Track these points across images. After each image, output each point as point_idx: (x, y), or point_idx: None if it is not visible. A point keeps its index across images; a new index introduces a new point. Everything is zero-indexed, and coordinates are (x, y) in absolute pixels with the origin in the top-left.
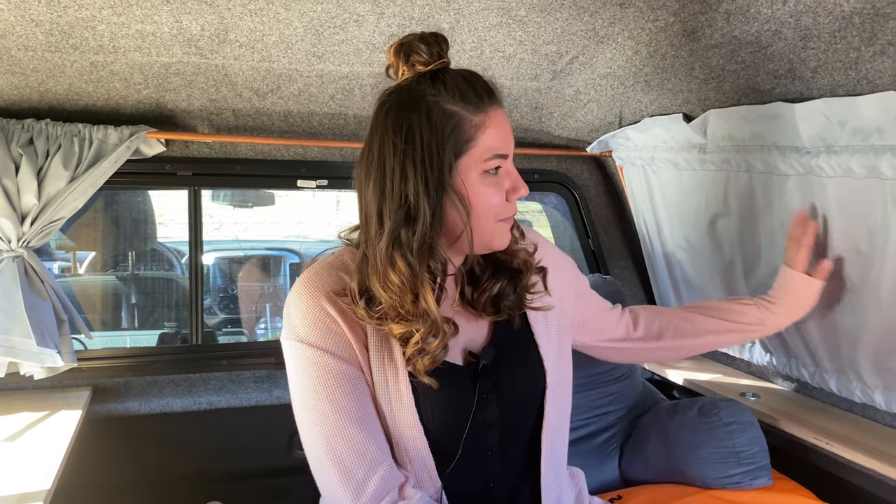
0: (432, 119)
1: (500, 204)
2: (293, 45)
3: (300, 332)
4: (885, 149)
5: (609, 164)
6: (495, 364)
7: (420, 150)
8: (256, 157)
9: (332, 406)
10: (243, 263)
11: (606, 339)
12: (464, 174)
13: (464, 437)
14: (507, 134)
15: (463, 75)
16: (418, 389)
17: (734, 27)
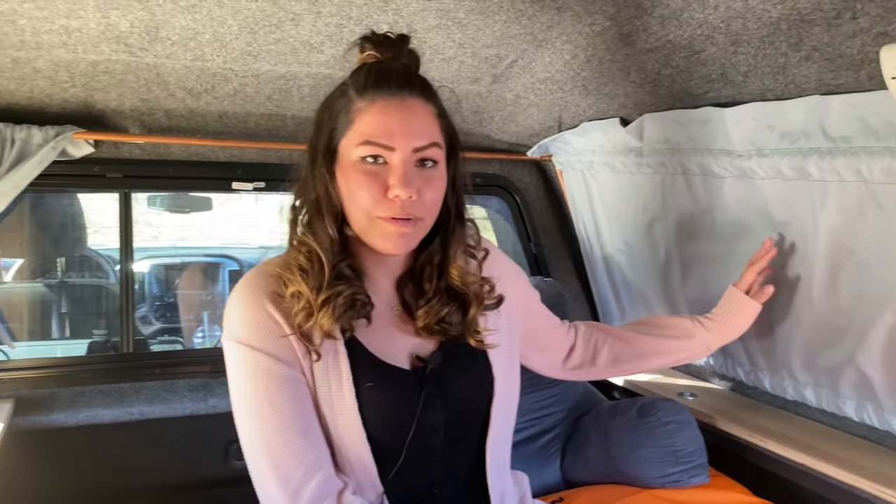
0: (332, 102)
1: (371, 197)
2: (228, 44)
3: (240, 333)
4: (812, 151)
5: (549, 168)
6: (443, 369)
7: (316, 133)
8: (190, 158)
9: (272, 410)
10: (181, 271)
11: (549, 356)
12: (342, 158)
13: (407, 441)
14: (395, 126)
15: (379, 66)
16: (362, 394)
17: (668, 32)
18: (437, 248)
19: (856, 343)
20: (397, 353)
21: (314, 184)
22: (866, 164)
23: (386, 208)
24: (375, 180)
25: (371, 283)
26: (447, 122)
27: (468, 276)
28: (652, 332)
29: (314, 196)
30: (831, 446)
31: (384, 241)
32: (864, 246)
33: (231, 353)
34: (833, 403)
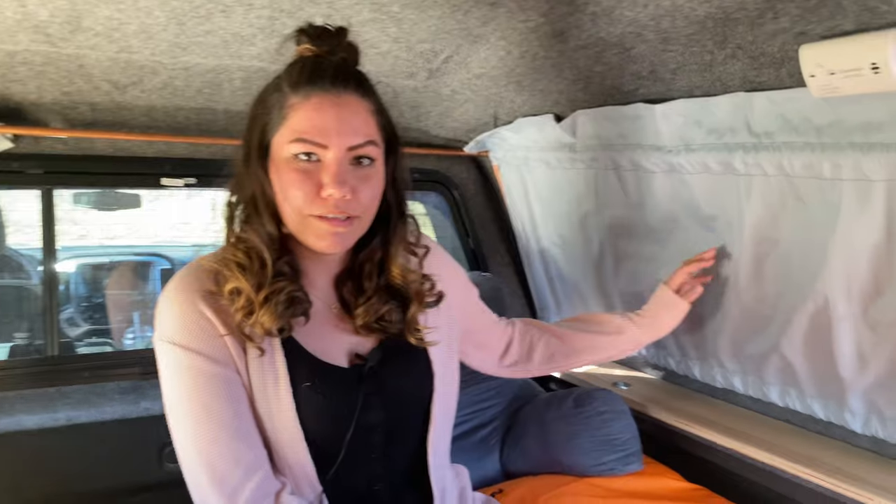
0: (265, 97)
1: (304, 195)
2: (155, 36)
3: (172, 333)
4: (737, 146)
5: (486, 164)
6: (382, 367)
7: (248, 129)
8: (116, 154)
9: (206, 411)
10: (109, 270)
11: (487, 353)
12: (274, 155)
13: (346, 440)
14: (333, 123)
15: (314, 60)
16: (299, 394)
17: (600, 29)
18: (377, 245)
19: (780, 331)
20: (335, 351)
21: (249, 181)
22: (787, 159)
23: (319, 207)
24: (308, 178)
25: (308, 281)
26: (385, 119)
27: (409, 274)
28: (584, 329)
29: (249, 193)
30: (758, 431)
31: (318, 240)
32: (786, 237)
33: (163, 353)
34: (759, 390)
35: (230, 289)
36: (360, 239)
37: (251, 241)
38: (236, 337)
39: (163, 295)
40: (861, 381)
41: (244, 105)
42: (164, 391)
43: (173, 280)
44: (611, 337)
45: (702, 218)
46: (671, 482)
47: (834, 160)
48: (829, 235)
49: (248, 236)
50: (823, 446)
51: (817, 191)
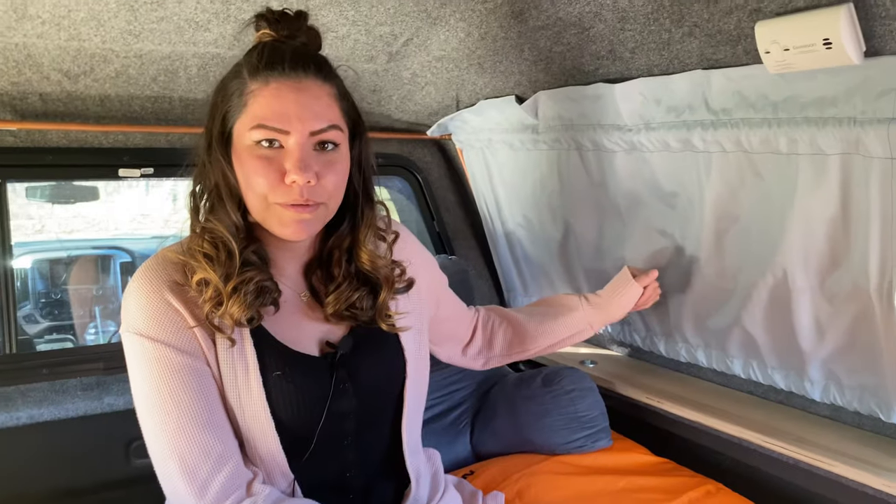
0: (227, 80)
1: (266, 182)
2: (105, 23)
3: (139, 324)
4: (696, 124)
5: (449, 147)
6: (353, 354)
7: (210, 116)
8: (70, 145)
9: (175, 403)
10: (68, 265)
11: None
12: (236, 142)
13: (318, 428)
14: (293, 107)
15: (273, 45)
16: (270, 383)
17: (559, 9)
18: (345, 231)
19: (741, 305)
20: (305, 340)
21: (211, 170)
22: (745, 135)
23: (283, 194)
24: (271, 165)
25: (276, 269)
26: (348, 103)
27: (378, 260)
28: (539, 313)
29: (213, 182)
30: (722, 403)
31: (282, 228)
32: (745, 213)
33: (130, 345)
34: (722, 363)
35: (198, 279)
36: (329, 226)
37: (217, 231)
38: (205, 328)
39: (129, 286)
40: (819, 352)
41: (201, 93)
42: (132, 383)
43: (140, 271)
44: (564, 318)
45: (663, 195)
46: (639, 456)
47: (790, 135)
48: (787, 210)
49: (213, 226)
50: (785, 415)
51: (775, 166)
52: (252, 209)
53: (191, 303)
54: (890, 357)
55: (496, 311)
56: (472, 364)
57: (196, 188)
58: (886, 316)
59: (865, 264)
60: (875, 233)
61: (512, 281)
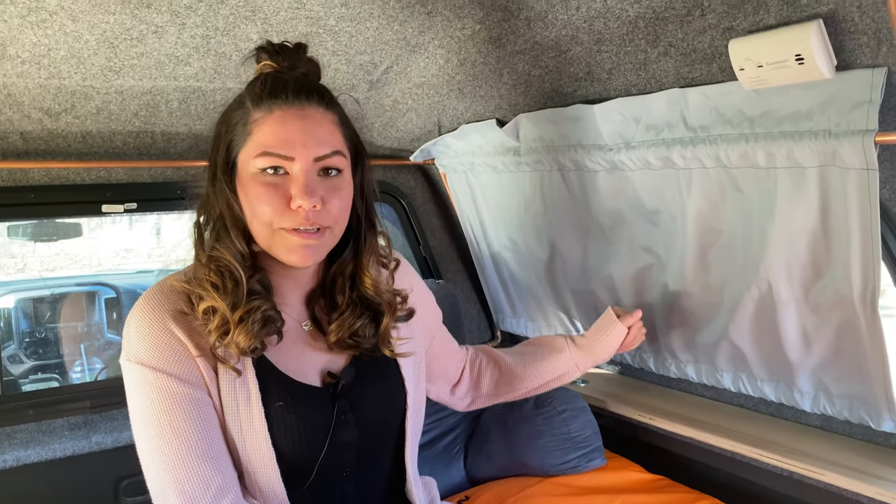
0: (229, 114)
1: (272, 209)
2: (86, 60)
3: (141, 353)
4: (675, 141)
5: (433, 172)
6: (355, 384)
7: (214, 147)
8: (52, 183)
9: (175, 433)
10: (52, 303)
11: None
12: (241, 170)
13: (319, 459)
14: (294, 136)
15: (274, 75)
16: (272, 414)
17: (535, 33)
18: (348, 258)
19: (728, 318)
20: (307, 370)
21: (216, 199)
22: (724, 151)
23: (289, 219)
24: (276, 192)
25: (279, 298)
26: (350, 130)
27: (381, 285)
28: (526, 353)
29: (217, 212)
30: (713, 418)
31: (288, 254)
32: (728, 227)
33: (131, 374)
34: (712, 377)
35: (204, 308)
36: (331, 254)
37: (223, 260)
38: (208, 358)
39: (132, 312)
40: (807, 362)
41: (183, 126)
42: (131, 413)
43: (142, 300)
44: (550, 360)
45: (646, 213)
46: (633, 474)
47: (768, 150)
48: (769, 223)
49: (219, 255)
50: (776, 427)
51: (754, 180)
52: (258, 237)
53: (194, 332)
54: (876, 365)
55: (484, 350)
56: (458, 404)
57: (200, 218)
58: (870, 324)
59: (848, 274)
60: (855, 242)
61: (500, 303)
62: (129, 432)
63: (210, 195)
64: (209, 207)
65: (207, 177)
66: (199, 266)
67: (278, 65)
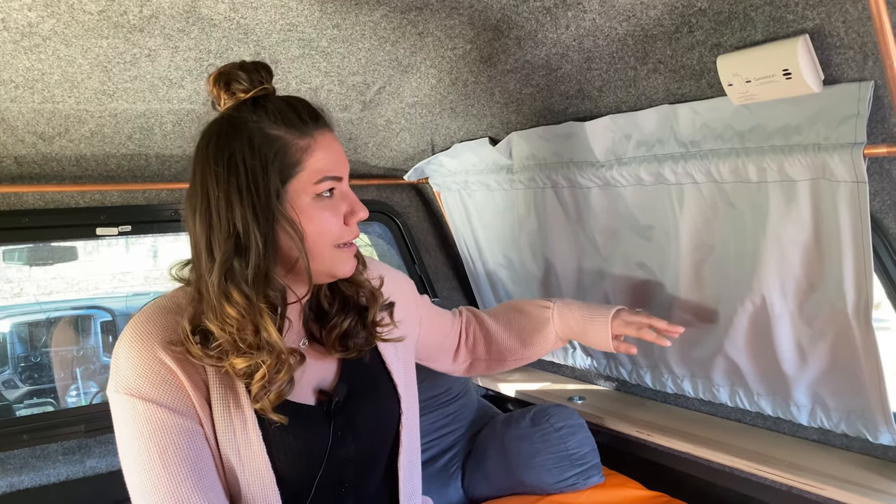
0: (254, 144)
1: (338, 228)
2: (79, 84)
3: (130, 383)
4: (666, 157)
5: (427, 191)
6: (348, 399)
7: (245, 178)
8: (47, 206)
9: (164, 465)
10: (47, 327)
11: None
12: (294, 199)
13: (318, 478)
14: (339, 156)
15: (286, 100)
16: (270, 435)
17: (526, 52)
18: None
19: (723, 333)
20: (302, 389)
21: (263, 236)
22: (715, 166)
23: (349, 233)
24: (337, 211)
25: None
26: None
27: (359, 278)
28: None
29: (260, 250)
30: (711, 433)
31: (344, 266)
32: (721, 242)
33: (119, 405)
34: (709, 392)
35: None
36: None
37: (276, 295)
38: (199, 387)
39: (119, 341)
40: (803, 376)
41: (177, 149)
42: (119, 445)
43: (130, 325)
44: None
45: (639, 229)
46: (632, 491)
47: (758, 164)
48: (761, 237)
49: (272, 291)
50: (774, 442)
51: (746, 194)
52: (319, 258)
53: (184, 361)
54: (871, 378)
55: (475, 315)
56: (458, 369)
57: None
58: (865, 336)
59: (841, 286)
60: (848, 255)
61: None
62: None
63: (253, 233)
64: (252, 246)
65: (245, 216)
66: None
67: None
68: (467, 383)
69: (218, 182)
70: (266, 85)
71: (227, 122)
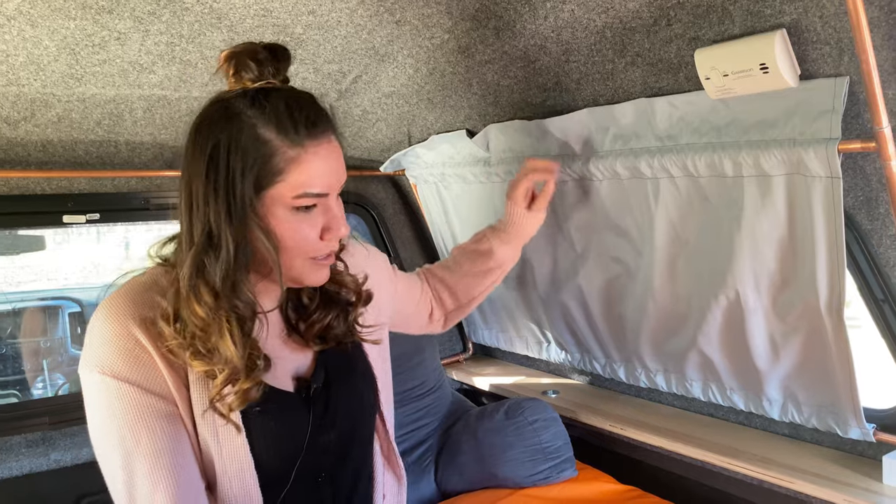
0: (241, 142)
1: (313, 243)
2: (45, 67)
3: (103, 361)
4: (643, 151)
5: (403, 183)
6: (327, 386)
7: (223, 176)
8: (11, 193)
9: (137, 445)
10: (13, 317)
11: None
12: (270, 207)
13: (297, 464)
14: (329, 171)
15: (288, 100)
16: (249, 418)
17: (504, 43)
18: None
19: (696, 328)
20: (280, 376)
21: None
22: (691, 160)
23: (323, 248)
24: (314, 226)
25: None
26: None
27: (343, 278)
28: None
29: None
30: (683, 427)
31: (315, 277)
32: (695, 236)
33: (91, 384)
34: (682, 386)
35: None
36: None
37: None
38: (176, 368)
39: (94, 318)
40: (776, 371)
41: (147, 136)
42: (90, 425)
43: (106, 301)
44: (486, 269)
45: (614, 223)
46: (605, 485)
47: (735, 158)
48: (736, 232)
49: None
50: (746, 436)
51: (721, 189)
52: (290, 267)
53: (161, 340)
54: (842, 373)
55: (430, 272)
56: (436, 327)
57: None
58: (837, 332)
59: (814, 282)
60: (821, 251)
61: (471, 315)
62: (89, 449)
63: (224, 232)
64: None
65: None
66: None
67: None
68: (442, 377)
69: (199, 172)
70: (273, 80)
71: (223, 109)
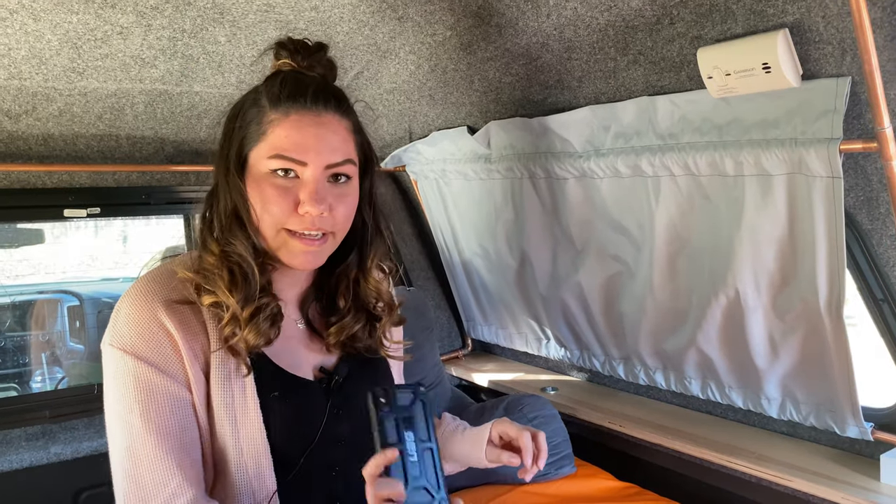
0: (245, 109)
1: (281, 211)
2: (48, 61)
3: (124, 338)
4: (644, 149)
5: (404, 179)
6: (347, 380)
7: (227, 137)
8: (12, 186)
9: (144, 424)
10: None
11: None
12: (254, 165)
13: (308, 451)
14: (310, 140)
15: (293, 77)
16: (267, 404)
17: (506, 40)
18: (353, 262)
19: (695, 326)
20: (301, 365)
21: (229, 193)
22: (692, 159)
23: (296, 222)
24: (286, 194)
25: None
26: (362, 137)
27: (382, 288)
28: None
29: (230, 205)
30: (682, 424)
31: (291, 258)
32: (696, 235)
33: (111, 358)
34: (680, 384)
35: (212, 302)
36: (335, 256)
37: (236, 255)
38: (196, 354)
39: (123, 297)
40: (774, 369)
41: (149, 130)
42: (105, 398)
43: (136, 283)
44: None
45: (615, 220)
46: (603, 482)
47: (736, 157)
48: (736, 230)
49: (233, 249)
50: (744, 434)
51: (722, 188)
52: (265, 235)
53: (185, 325)
54: (841, 371)
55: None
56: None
57: (206, 212)
58: (836, 331)
59: (814, 281)
60: (821, 250)
61: (471, 310)
62: (89, 443)
63: (222, 187)
64: (220, 199)
65: (221, 169)
66: (210, 257)
67: (297, 63)
68: (441, 373)
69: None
70: (288, 60)
71: (255, 88)
